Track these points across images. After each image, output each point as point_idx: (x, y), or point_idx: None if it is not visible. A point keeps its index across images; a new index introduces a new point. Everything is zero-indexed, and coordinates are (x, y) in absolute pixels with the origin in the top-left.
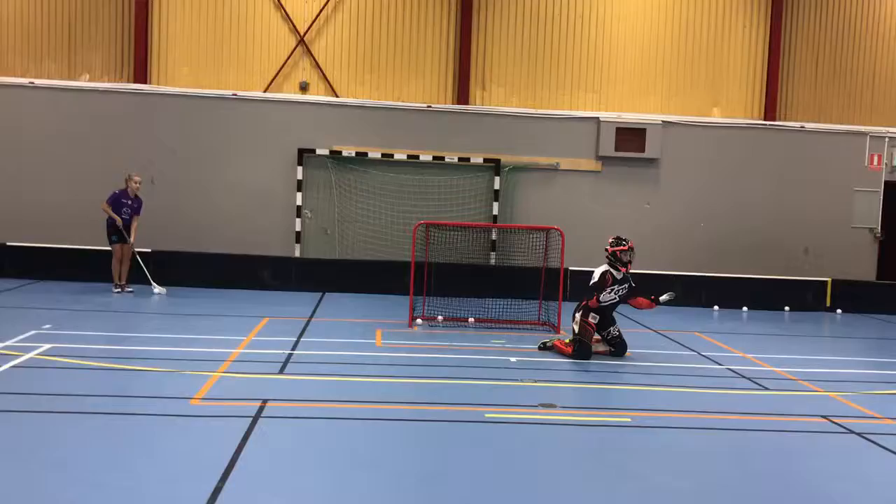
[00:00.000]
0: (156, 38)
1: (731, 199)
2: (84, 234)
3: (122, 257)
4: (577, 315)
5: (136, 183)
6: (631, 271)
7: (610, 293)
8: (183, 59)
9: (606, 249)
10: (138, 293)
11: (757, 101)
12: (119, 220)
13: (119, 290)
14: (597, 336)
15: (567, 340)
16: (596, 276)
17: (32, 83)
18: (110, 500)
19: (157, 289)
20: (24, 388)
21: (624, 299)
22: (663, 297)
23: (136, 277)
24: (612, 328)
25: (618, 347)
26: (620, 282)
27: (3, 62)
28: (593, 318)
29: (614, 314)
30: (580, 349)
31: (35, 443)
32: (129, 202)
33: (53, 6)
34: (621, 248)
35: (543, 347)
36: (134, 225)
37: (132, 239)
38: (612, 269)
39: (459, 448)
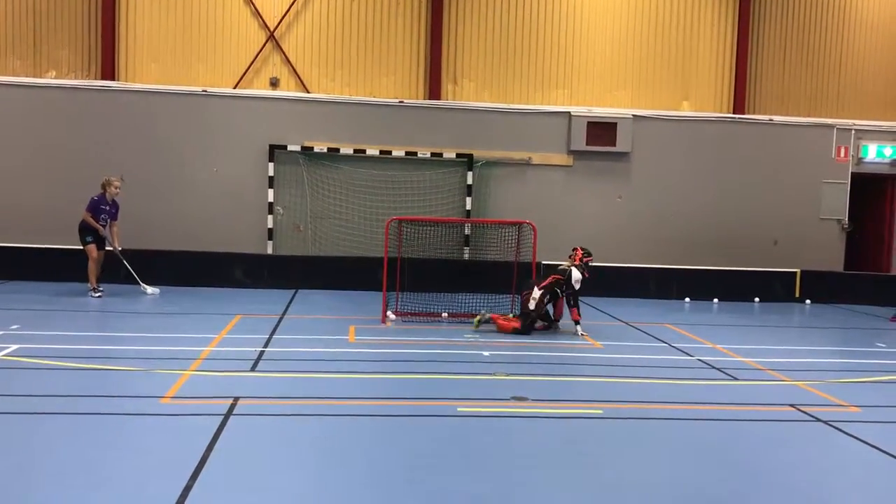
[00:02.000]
0: (123, 34)
1: (701, 192)
2: (53, 233)
3: (99, 259)
4: (538, 294)
5: (115, 188)
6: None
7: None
8: (151, 56)
9: (576, 257)
10: (109, 293)
11: (726, 94)
12: (101, 230)
13: (100, 294)
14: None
15: (511, 315)
16: (578, 285)
17: None
18: (80, 500)
19: (149, 290)
20: None
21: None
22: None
23: (113, 278)
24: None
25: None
26: (567, 280)
27: None
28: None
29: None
30: (528, 326)
31: (2, 444)
32: (107, 207)
33: (19, 2)
34: (589, 258)
35: (479, 323)
36: (115, 230)
37: (117, 244)
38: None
39: (432, 442)
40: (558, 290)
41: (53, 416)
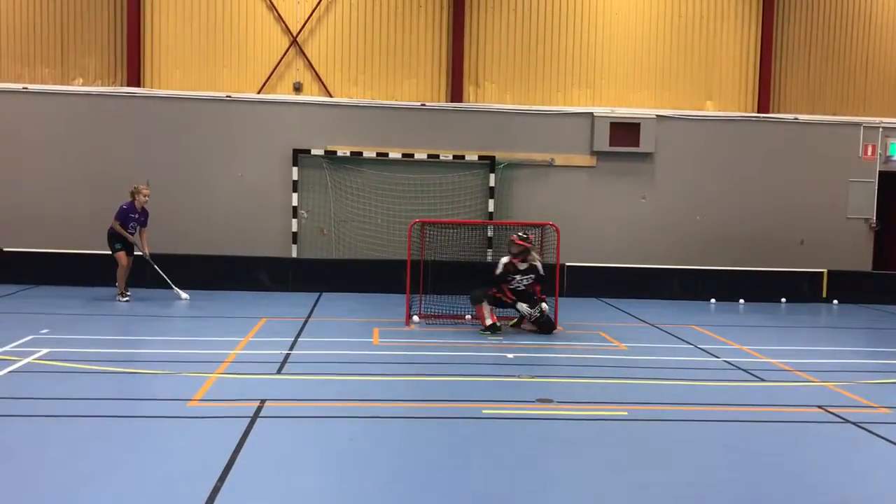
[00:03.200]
0: (148, 42)
1: (726, 192)
2: (80, 238)
3: (128, 265)
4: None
5: (144, 196)
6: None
7: (513, 282)
8: (176, 62)
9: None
10: (136, 298)
11: (750, 93)
12: (129, 237)
13: (127, 298)
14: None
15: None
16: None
17: (26, 88)
18: (108, 502)
19: (183, 294)
20: (21, 392)
21: (532, 286)
22: (542, 306)
23: (139, 282)
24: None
25: (545, 325)
26: (524, 272)
27: None
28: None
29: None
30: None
31: (32, 446)
32: (136, 215)
33: (46, 11)
34: (523, 243)
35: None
36: (143, 236)
37: (146, 250)
38: (512, 262)
39: (457, 444)
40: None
41: (82, 419)
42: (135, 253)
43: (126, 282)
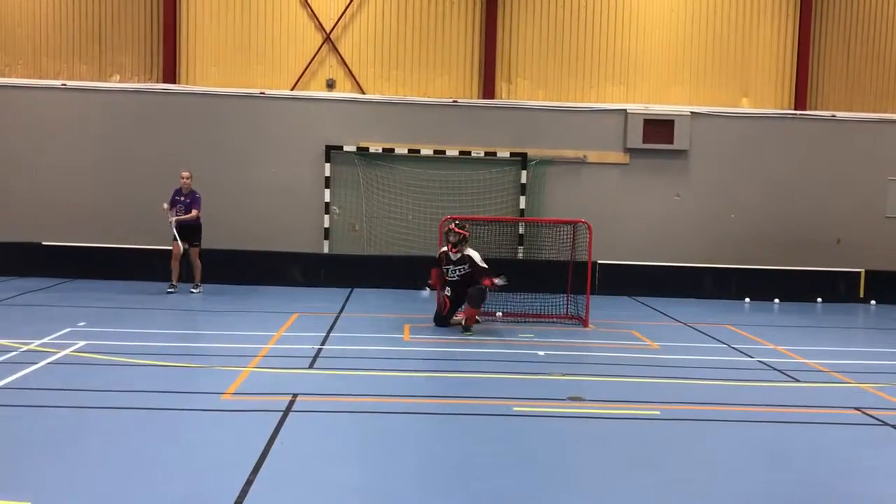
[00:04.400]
0: (184, 39)
1: (761, 191)
2: (117, 233)
3: (176, 254)
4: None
5: (182, 178)
6: (467, 252)
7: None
8: (211, 59)
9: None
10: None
11: (787, 90)
12: (171, 220)
13: (172, 289)
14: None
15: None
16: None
17: (65, 85)
18: (142, 492)
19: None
20: (59, 384)
21: (469, 277)
22: (497, 281)
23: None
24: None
25: (438, 320)
26: (456, 263)
27: (37, 65)
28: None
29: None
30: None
31: (70, 437)
32: (182, 199)
33: (84, 9)
34: (449, 228)
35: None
36: (191, 215)
37: (173, 218)
38: (447, 250)
39: (487, 441)
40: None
41: (117, 411)
42: (177, 238)
43: (177, 273)
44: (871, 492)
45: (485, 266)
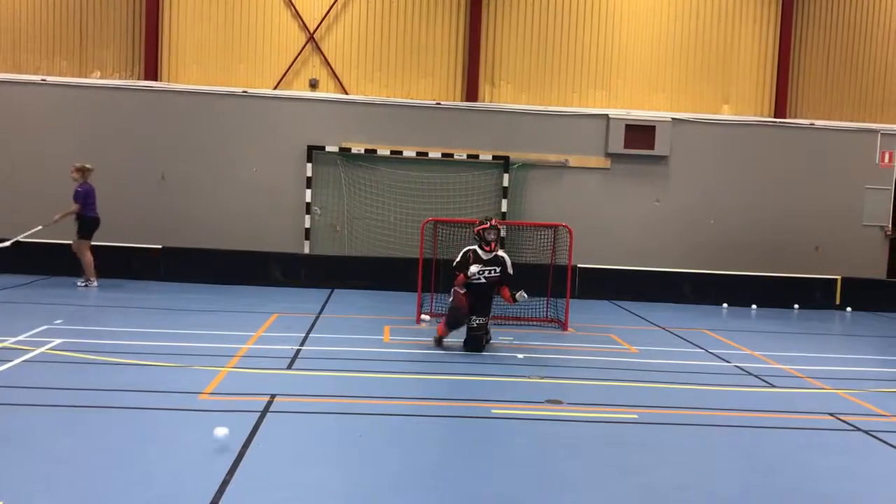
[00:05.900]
0: (166, 36)
1: (740, 197)
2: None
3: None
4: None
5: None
6: (500, 254)
7: (477, 272)
8: (193, 57)
9: (475, 230)
10: (153, 290)
11: (767, 98)
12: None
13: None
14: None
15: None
16: (459, 256)
17: (44, 80)
18: (118, 493)
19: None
20: (34, 382)
21: (494, 283)
22: (517, 295)
23: (150, 276)
24: (477, 317)
25: (470, 342)
26: (487, 263)
27: (16, 59)
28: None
29: (492, 305)
30: (447, 317)
31: (44, 436)
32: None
33: (65, 3)
34: (483, 226)
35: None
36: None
37: (54, 218)
38: (477, 249)
39: (466, 443)
40: (482, 278)
41: (94, 410)
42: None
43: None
44: (843, 495)
45: (512, 274)
